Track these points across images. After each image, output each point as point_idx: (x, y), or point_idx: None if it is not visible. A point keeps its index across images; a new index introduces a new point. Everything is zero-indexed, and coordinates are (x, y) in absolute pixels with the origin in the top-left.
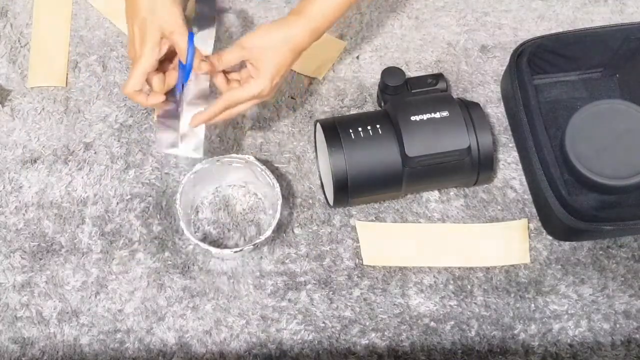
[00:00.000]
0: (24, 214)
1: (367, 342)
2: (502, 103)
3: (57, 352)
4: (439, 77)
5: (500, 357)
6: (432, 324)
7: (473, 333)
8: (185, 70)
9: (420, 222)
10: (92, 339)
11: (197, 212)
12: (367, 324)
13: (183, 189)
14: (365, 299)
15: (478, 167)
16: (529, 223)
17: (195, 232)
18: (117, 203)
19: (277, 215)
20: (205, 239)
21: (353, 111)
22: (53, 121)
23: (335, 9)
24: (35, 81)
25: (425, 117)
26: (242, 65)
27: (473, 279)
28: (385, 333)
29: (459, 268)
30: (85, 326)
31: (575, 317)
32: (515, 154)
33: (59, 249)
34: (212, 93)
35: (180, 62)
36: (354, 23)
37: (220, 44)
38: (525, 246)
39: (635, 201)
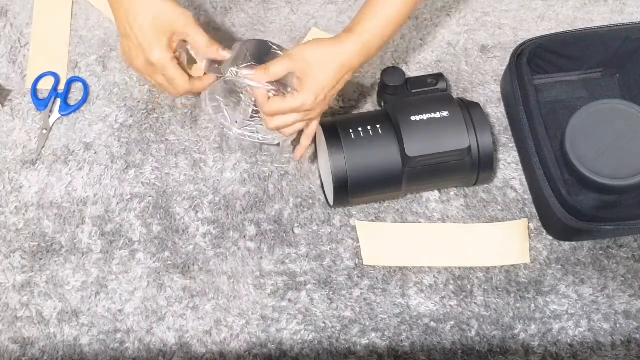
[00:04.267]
0: (24, 214)
1: (367, 342)
2: (502, 103)
3: (57, 352)
4: (439, 77)
5: (500, 357)
6: (432, 324)
7: (473, 333)
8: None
9: (420, 222)
10: (92, 339)
11: (197, 212)
12: (367, 324)
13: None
14: (365, 299)
15: (478, 167)
16: (529, 223)
17: (195, 232)
18: (117, 203)
19: None
20: (205, 238)
21: (353, 111)
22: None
23: (386, 27)
24: None
25: (425, 117)
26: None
27: (473, 279)
28: (386, 333)
29: (459, 268)
30: (85, 326)
31: (576, 317)
32: (515, 154)
33: (59, 249)
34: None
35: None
36: None
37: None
38: (525, 246)
39: (635, 201)
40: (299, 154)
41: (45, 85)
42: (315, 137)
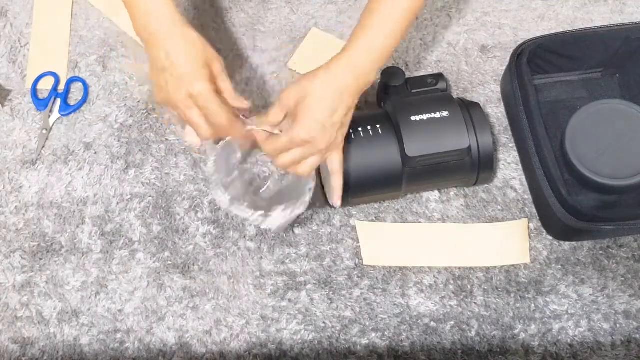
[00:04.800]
0: (24, 214)
1: (367, 342)
2: (502, 103)
3: (57, 352)
4: (439, 77)
5: (500, 357)
6: (432, 324)
7: (473, 333)
8: None
9: (420, 222)
10: (92, 339)
11: (197, 212)
12: (367, 324)
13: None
14: (365, 299)
15: (478, 167)
16: (529, 223)
17: (195, 232)
18: (117, 203)
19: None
20: (205, 238)
21: (353, 111)
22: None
23: (376, 45)
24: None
25: (425, 117)
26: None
27: (473, 279)
28: (386, 333)
29: (459, 268)
30: (85, 326)
31: (576, 317)
32: (515, 154)
33: (59, 249)
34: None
35: None
36: (354, 23)
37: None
38: (525, 246)
39: (635, 201)
40: (335, 198)
41: (45, 85)
42: None
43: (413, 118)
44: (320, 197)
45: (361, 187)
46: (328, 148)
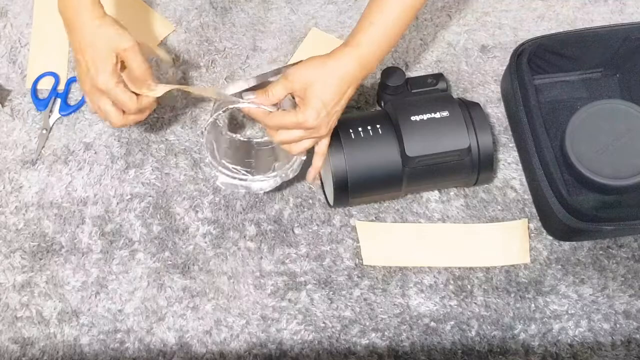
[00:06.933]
0: (24, 214)
1: (367, 342)
2: (502, 103)
3: (57, 352)
4: (439, 77)
5: (500, 357)
6: (432, 324)
7: (473, 333)
8: None
9: (420, 222)
10: (92, 339)
11: (197, 212)
12: (367, 324)
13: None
14: (365, 299)
15: (478, 167)
16: (529, 223)
17: (195, 232)
18: (117, 203)
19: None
20: (205, 238)
21: (353, 111)
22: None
23: (382, 37)
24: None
25: (425, 117)
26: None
27: (473, 279)
28: (386, 333)
29: (459, 268)
30: (85, 326)
31: (576, 317)
32: (515, 154)
33: (59, 249)
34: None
35: None
36: (354, 23)
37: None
38: (525, 246)
39: (635, 201)
40: (311, 175)
41: (45, 85)
42: None
43: (413, 118)
44: (320, 196)
45: (361, 187)
46: (324, 134)
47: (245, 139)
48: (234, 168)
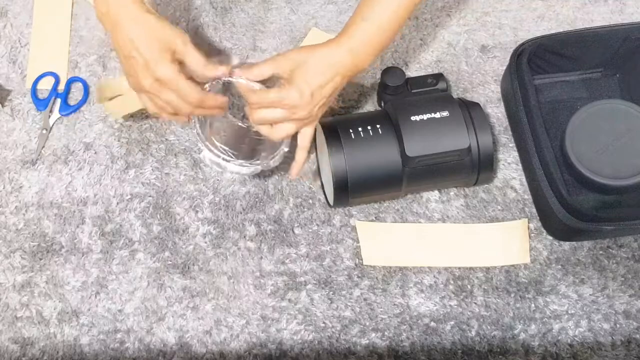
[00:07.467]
0: (24, 214)
1: (367, 342)
2: (502, 103)
3: (57, 352)
4: (439, 77)
5: (500, 357)
6: (432, 324)
7: (473, 333)
8: None
9: (420, 222)
10: (92, 339)
11: (197, 212)
12: (367, 324)
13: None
14: (365, 299)
15: (478, 167)
16: (529, 223)
17: (195, 232)
18: (117, 203)
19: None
20: (205, 238)
21: (353, 111)
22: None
23: (375, 32)
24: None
25: (425, 117)
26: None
27: (473, 279)
28: (386, 333)
29: (459, 268)
30: (85, 326)
31: (576, 317)
32: (515, 154)
33: (59, 249)
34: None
35: None
36: None
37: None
38: (525, 246)
39: (635, 201)
40: (294, 171)
41: (45, 85)
42: (315, 139)
43: (413, 118)
44: (320, 196)
45: (361, 187)
46: (306, 120)
47: (245, 125)
48: (222, 147)
